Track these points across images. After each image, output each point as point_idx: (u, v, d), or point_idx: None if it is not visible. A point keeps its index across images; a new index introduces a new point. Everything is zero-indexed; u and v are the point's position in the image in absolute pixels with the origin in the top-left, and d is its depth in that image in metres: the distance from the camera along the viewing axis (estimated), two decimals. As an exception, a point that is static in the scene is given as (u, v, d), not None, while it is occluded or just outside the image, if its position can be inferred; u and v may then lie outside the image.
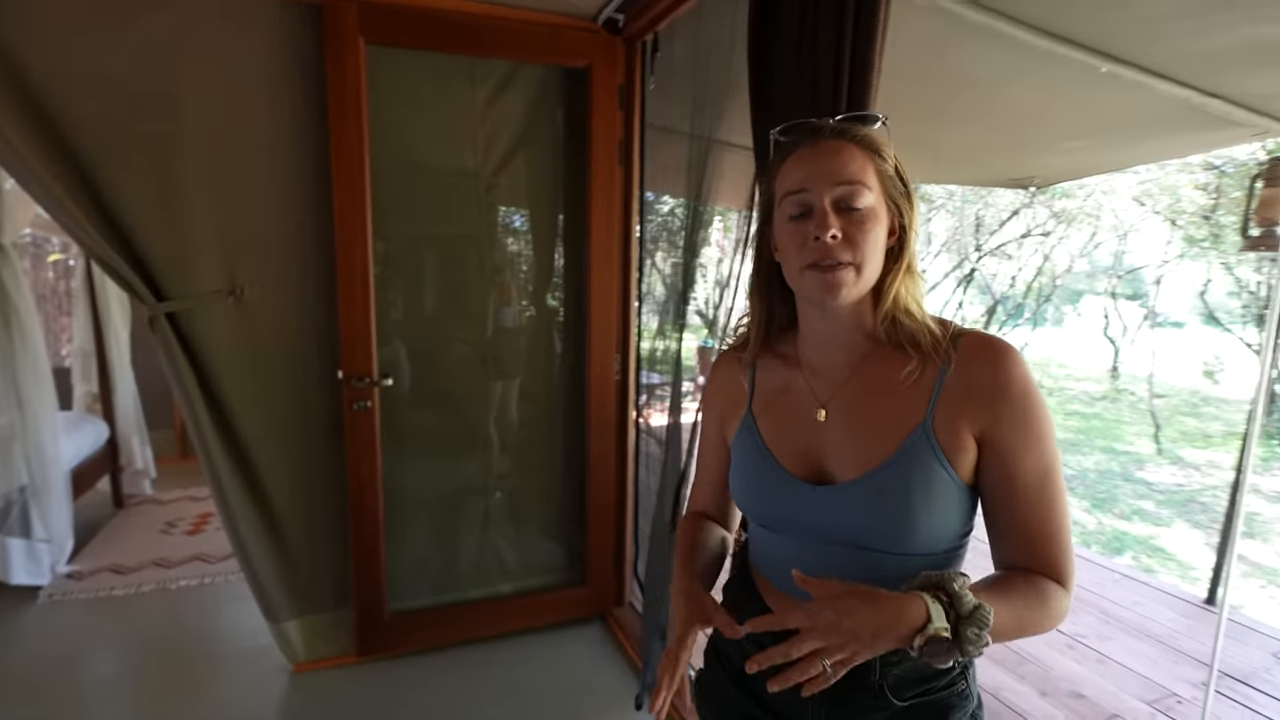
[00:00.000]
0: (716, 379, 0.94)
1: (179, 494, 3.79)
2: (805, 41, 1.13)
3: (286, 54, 1.95)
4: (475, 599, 2.42)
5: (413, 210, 2.23)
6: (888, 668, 0.77)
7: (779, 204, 0.78)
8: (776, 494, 0.81)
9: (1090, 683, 2.21)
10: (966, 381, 0.72)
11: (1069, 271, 8.77)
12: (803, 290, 0.77)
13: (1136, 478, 6.95)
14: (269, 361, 2.06)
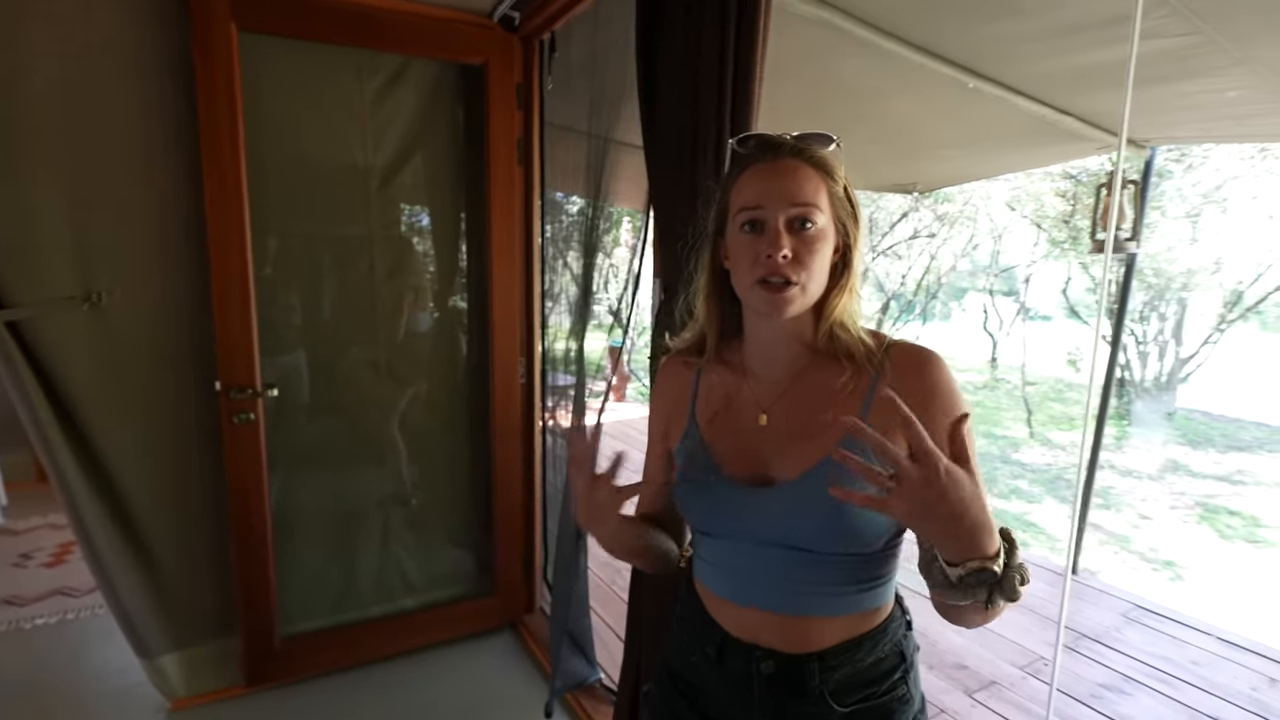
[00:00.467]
0: (663, 383, 0.94)
1: (37, 521, 3.40)
2: (690, 50, 1.15)
3: (153, 38, 1.79)
4: (376, 617, 2.31)
5: (301, 209, 2.10)
6: (828, 673, 0.77)
7: (734, 216, 0.79)
8: (719, 499, 0.81)
9: (972, 653, 2.39)
10: (898, 389, 0.72)
11: (953, 270, 9.43)
12: (751, 302, 0.80)
13: (1013, 459, 7.58)
14: (136, 373, 1.88)
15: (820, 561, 0.76)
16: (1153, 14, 1.58)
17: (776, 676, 0.78)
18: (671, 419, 0.91)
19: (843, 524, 0.74)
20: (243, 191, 1.88)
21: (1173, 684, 2.23)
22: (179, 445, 1.96)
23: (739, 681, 0.80)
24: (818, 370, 0.80)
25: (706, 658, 0.84)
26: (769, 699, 0.79)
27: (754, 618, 0.80)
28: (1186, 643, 2.47)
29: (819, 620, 0.78)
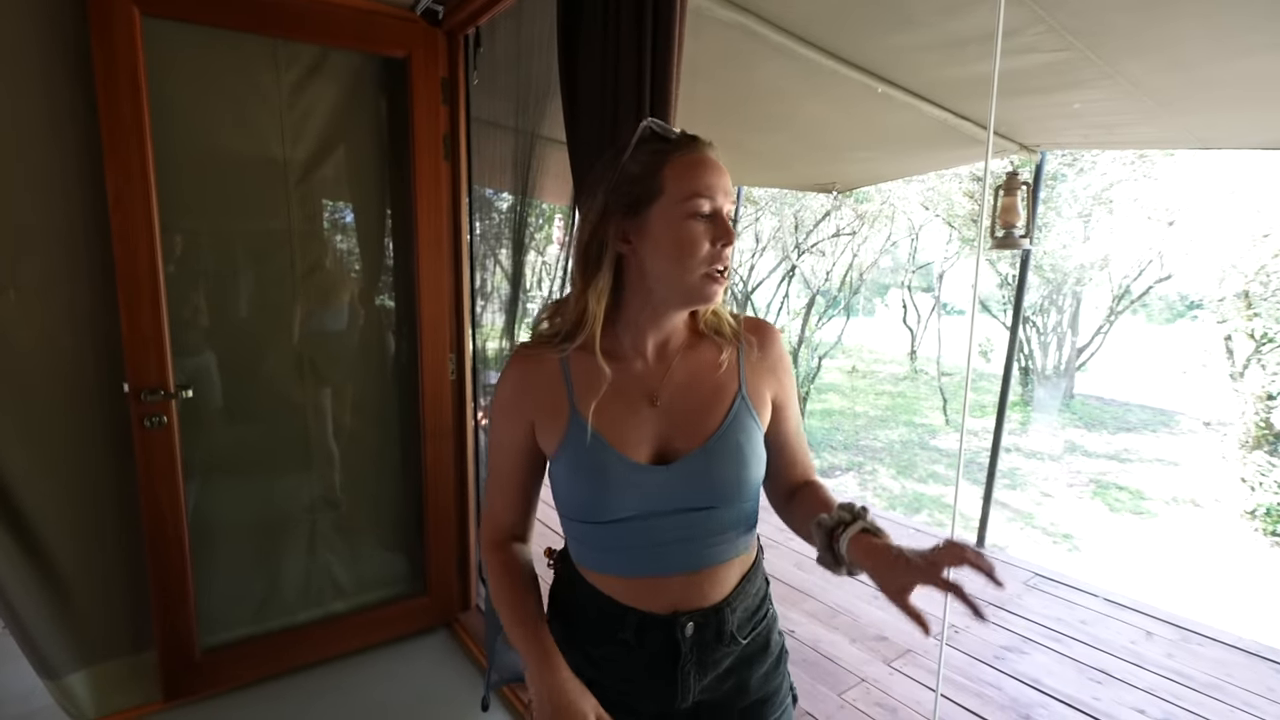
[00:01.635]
0: (520, 381, 0.88)
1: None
2: (609, 50, 1.20)
3: (44, 24, 1.69)
4: (304, 622, 2.25)
5: (215, 203, 2.02)
6: (733, 614, 0.87)
7: (671, 200, 0.78)
8: (624, 482, 0.82)
9: (891, 625, 2.54)
10: (760, 358, 0.89)
11: (874, 266, 9.86)
12: (688, 289, 0.80)
13: (931, 445, 8.04)
14: (33, 378, 1.77)
15: (721, 515, 0.84)
16: (1030, 30, 1.73)
17: (699, 633, 0.84)
18: (540, 415, 0.86)
19: (745, 475, 0.84)
20: (150, 183, 1.80)
21: (1064, 642, 2.44)
22: (83, 453, 1.86)
23: (661, 654, 0.85)
24: (695, 348, 0.88)
25: (623, 645, 0.85)
26: (694, 657, 0.85)
27: (672, 585, 0.85)
28: (1077, 604, 2.71)
29: (724, 568, 0.86)
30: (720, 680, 0.88)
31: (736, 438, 0.84)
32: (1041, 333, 9.31)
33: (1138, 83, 2.01)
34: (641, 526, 0.83)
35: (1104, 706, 2.08)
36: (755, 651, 0.90)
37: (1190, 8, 1.58)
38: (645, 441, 0.84)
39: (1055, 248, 8.55)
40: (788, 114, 2.73)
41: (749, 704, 0.91)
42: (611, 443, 0.83)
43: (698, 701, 0.88)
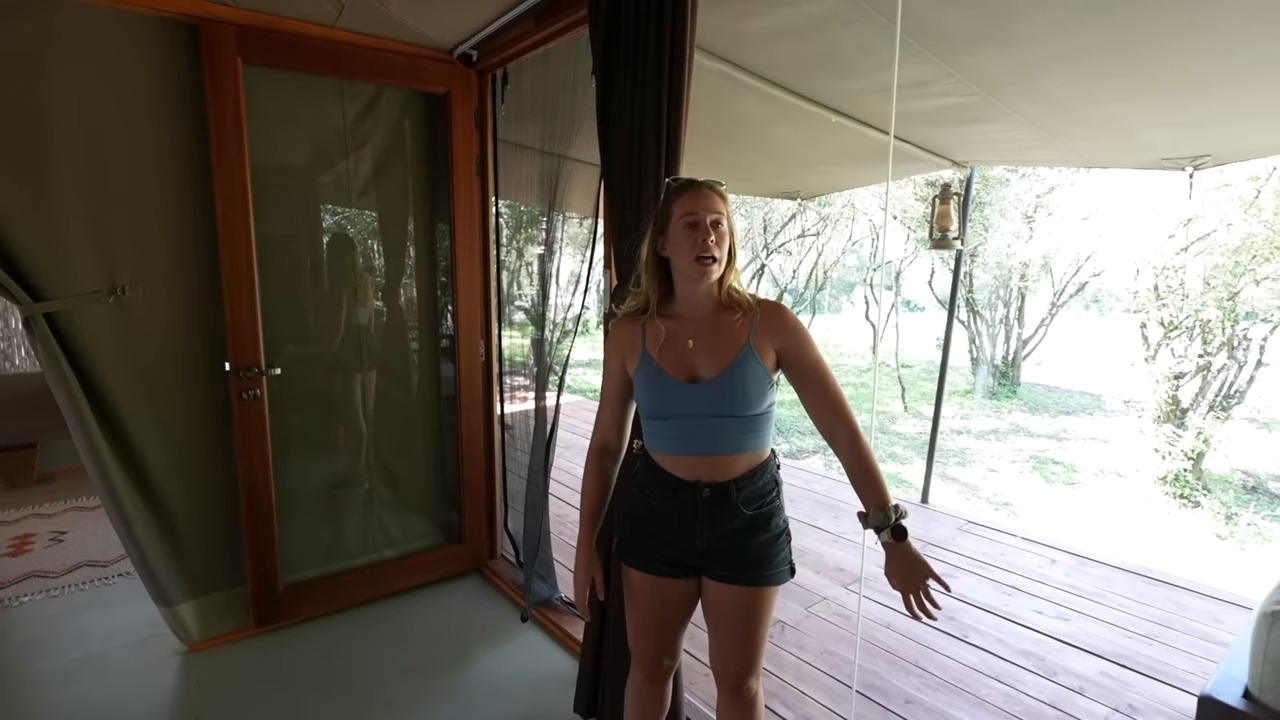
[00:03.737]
0: (617, 335, 1.40)
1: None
2: (636, 102, 1.67)
3: (163, 66, 2.10)
4: (362, 565, 2.68)
5: (292, 214, 2.44)
6: (739, 491, 1.30)
7: (676, 221, 1.29)
8: (669, 393, 1.31)
9: (849, 562, 3.07)
10: (767, 323, 1.33)
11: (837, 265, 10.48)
12: (688, 273, 1.29)
13: (890, 430, 8.66)
14: (154, 358, 2.18)
15: (733, 420, 1.31)
16: (942, 81, 2.26)
17: (712, 497, 1.32)
18: (628, 356, 1.38)
19: (745, 397, 1.30)
20: (248, 199, 2.22)
21: (986, 569, 3.00)
22: (193, 421, 2.27)
23: (687, 507, 1.33)
24: (719, 314, 1.35)
25: (665, 497, 1.35)
26: (707, 513, 1.33)
27: (697, 462, 1.32)
28: (999, 543, 3.28)
29: (734, 457, 1.32)
30: (729, 536, 1.34)
31: (742, 370, 1.30)
32: (990, 325, 10.04)
33: (1031, 119, 2.57)
34: (679, 423, 1.32)
35: (1011, 610, 2.64)
36: (759, 524, 1.34)
37: (1055, 69, 2.12)
38: (684, 369, 1.31)
39: (1001, 247, 9.26)
40: (757, 136, 3.24)
41: (749, 558, 1.35)
42: (663, 368, 1.32)
43: (711, 546, 1.34)
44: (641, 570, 1.40)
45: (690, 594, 1.41)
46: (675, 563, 1.37)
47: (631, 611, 1.46)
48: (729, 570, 1.34)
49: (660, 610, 1.42)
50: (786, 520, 1.40)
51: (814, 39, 2.09)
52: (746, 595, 1.34)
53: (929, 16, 1.90)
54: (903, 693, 2.13)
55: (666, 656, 1.48)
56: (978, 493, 6.37)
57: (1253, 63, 1.90)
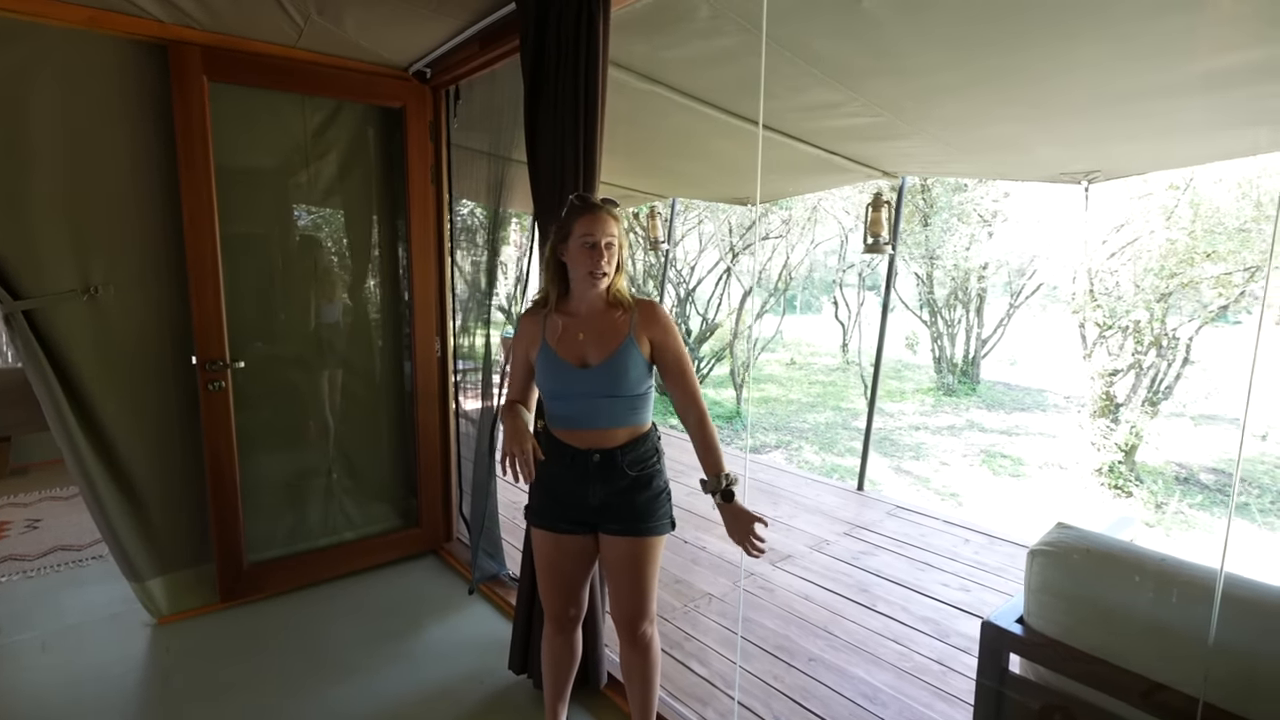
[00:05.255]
0: (524, 327, 1.64)
1: (-48, 509, 3.57)
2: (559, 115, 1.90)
3: (136, 82, 2.28)
4: (324, 546, 2.88)
5: (254, 218, 2.63)
6: (624, 456, 1.56)
7: (575, 237, 1.52)
8: (565, 376, 1.55)
9: (780, 541, 3.32)
10: (643, 319, 1.59)
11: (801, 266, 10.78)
12: (583, 281, 1.54)
13: (852, 426, 8.98)
14: (126, 352, 2.36)
15: (616, 400, 1.55)
16: (849, 104, 2.51)
17: (602, 462, 1.56)
18: (530, 346, 1.61)
19: (626, 380, 1.55)
20: (213, 204, 2.41)
21: (905, 549, 3.27)
22: (163, 411, 2.46)
23: (581, 471, 1.57)
24: (606, 312, 1.59)
25: (564, 465, 1.58)
26: (598, 475, 1.56)
27: (588, 435, 1.56)
28: (922, 525, 3.55)
29: (618, 430, 1.57)
30: (618, 494, 1.58)
31: (624, 358, 1.55)
32: (949, 325, 10.40)
33: (937, 137, 2.83)
34: (572, 402, 1.57)
35: (921, 584, 2.90)
36: (642, 484, 1.59)
37: (946, 96, 2.38)
38: (576, 356, 1.56)
39: (959, 249, 9.61)
40: (699, 148, 3.48)
41: (635, 513, 1.59)
42: (560, 356, 1.56)
43: (603, 503, 1.58)
44: (546, 529, 1.65)
45: (589, 548, 1.65)
46: (574, 520, 1.61)
47: (540, 568, 1.69)
48: (619, 524, 1.59)
49: (563, 563, 1.65)
50: (667, 481, 1.65)
51: (729, 66, 2.33)
52: (634, 545, 1.58)
53: (826, 50, 2.15)
54: (807, 652, 2.38)
55: (572, 606, 1.71)
56: (928, 484, 6.69)
57: (1123, 92, 2.16)
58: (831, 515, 3.70)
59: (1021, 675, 1.38)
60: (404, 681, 2.23)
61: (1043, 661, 1.30)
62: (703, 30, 2.08)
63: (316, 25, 2.33)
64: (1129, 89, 2.09)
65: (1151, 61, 1.89)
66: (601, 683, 2.15)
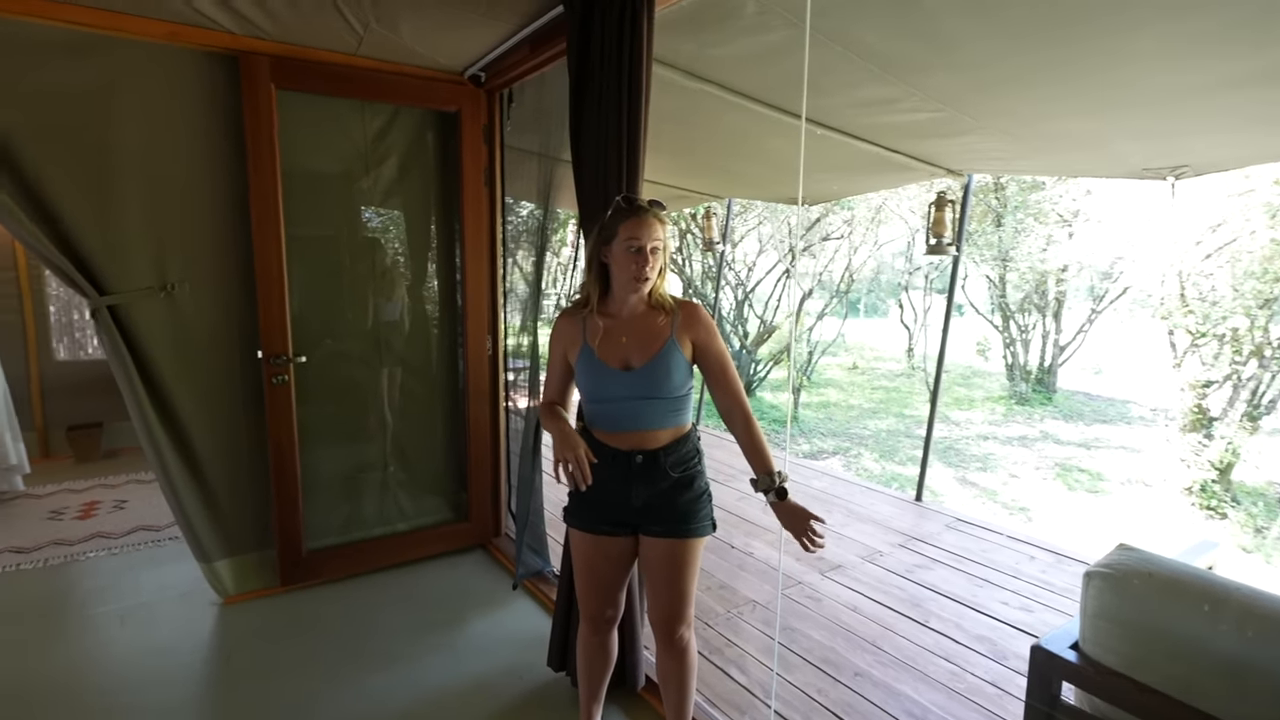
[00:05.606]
0: (562, 327, 1.62)
1: (53, 488, 3.89)
2: (603, 115, 1.89)
3: (209, 92, 2.42)
4: (377, 536, 2.98)
5: (316, 219, 2.74)
6: (666, 457, 1.54)
7: (620, 240, 1.49)
8: (606, 378, 1.54)
9: (830, 551, 3.22)
10: (685, 320, 1.57)
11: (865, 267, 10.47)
12: (626, 285, 1.52)
13: (915, 434, 8.64)
14: (198, 346, 2.51)
15: (659, 401, 1.53)
16: (908, 99, 2.41)
17: (644, 463, 1.54)
18: (569, 346, 1.60)
19: (669, 382, 1.53)
20: (279, 207, 2.53)
21: (964, 563, 3.11)
22: (231, 402, 2.60)
23: (623, 472, 1.55)
24: (647, 314, 1.57)
25: (605, 465, 1.55)
26: (641, 476, 1.55)
27: (630, 437, 1.55)
28: (983, 540, 3.38)
29: (660, 431, 1.55)
30: (659, 495, 1.56)
31: (666, 360, 1.53)
32: (1024, 330, 9.88)
33: (1004, 132, 2.68)
34: (612, 405, 1.56)
35: (978, 601, 2.76)
36: (684, 485, 1.57)
37: (1007, 90, 2.26)
38: (617, 358, 1.54)
39: (1035, 250, 9.12)
40: (753, 147, 3.42)
41: (677, 514, 1.57)
42: (601, 358, 1.55)
43: (645, 504, 1.56)
44: (586, 531, 1.63)
45: (628, 550, 1.64)
46: (615, 522, 1.60)
47: (579, 570, 1.69)
48: (661, 525, 1.57)
49: (602, 564, 1.64)
50: (708, 483, 1.63)
51: (779, 62, 2.27)
52: (675, 546, 1.57)
53: (879, 45, 2.07)
54: (854, 666, 2.30)
55: (609, 607, 1.70)
56: (994, 497, 6.36)
57: (1207, 83, 1.99)
58: (886, 525, 3.57)
59: (1076, 705, 1.28)
60: (444, 673, 2.27)
61: (1098, 692, 1.20)
62: (750, 26, 2.04)
63: (375, 33, 2.41)
64: (1214, 78, 1.93)
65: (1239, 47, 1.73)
66: (638, 685, 2.14)
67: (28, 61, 2.15)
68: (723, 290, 9.38)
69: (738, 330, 9.59)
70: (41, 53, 2.16)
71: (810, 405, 9.88)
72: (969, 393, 11.18)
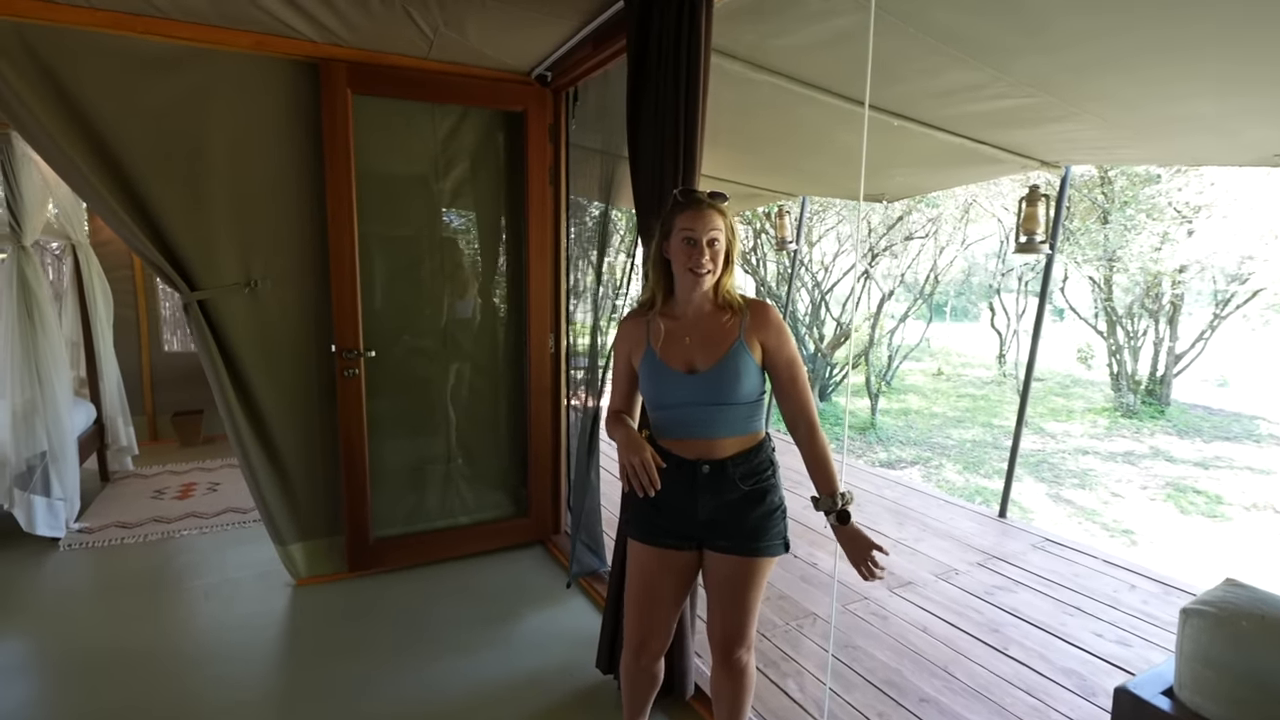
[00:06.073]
0: (625, 330, 1.55)
1: (158, 469, 4.23)
2: (660, 112, 1.85)
3: (291, 99, 2.55)
4: (440, 528, 3.05)
5: (388, 218, 2.84)
6: (735, 468, 1.44)
7: (678, 232, 1.43)
8: (670, 382, 1.45)
9: (900, 566, 3.04)
10: (754, 321, 1.48)
11: (951, 268, 9.93)
12: (684, 280, 1.45)
13: (1004, 445, 8.11)
14: (277, 339, 2.65)
15: (727, 407, 1.45)
16: (993, 85, 2.23)
17: (711, 473, 1.46)
18: (633, 350, 1.52)
19: (737, 387, 1.44)
20: (353, 206, 2.63)
21: (1051, 587, 2.86)
22: (306, 393, 2.72)
23: (689, 482, 1.46)
24: (714, 313, 1.49)
25: (669, 474, 1.43)
26: (708, 486, 1.46)
27: (697, 445, 1.45)
28: (1075, 563, 3.09)
29: (729, 439, 1.46)
30: (727, 508, 1.47)
31: (734, 363, 1.44)
32: (1132, 337, 9.08)
33: (1105, 118, 2.44)
34: (678, 411, 1.46)
35: (1067, 630, 2.52)
36: (755, 499, 1.47)
37: (1108, 72, 2.04)
38: (682, 361, 1.46)
39: (1147, 249, 8.36)
40: (824, 141, 3.28)
41: (745, 530, 1.48)
42: (665, 362, 1.46)
43: (711, 517, 1.47)
44: (647, 543, 1.53)
45: (691, 565, 1.54)
46: (678, 535, 1.50)
47: (634, 586, 1.57)
48: (728, 541, 1.48)
49: (663, 580, 1.54)
50: (782, 498, 1.52)
51: (847, 48, 2.15)
52: (741, 565, 1.48)
53: (958, 26, 1.92)
54: (920, 691, 2.14)
55: (657, 638, 1.59)
56: (1093, 517, 5.86)
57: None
58: (964, 542, 3.34)
59: (1170, 760, 1.12)
60: (498, 667, 2.29)
61: (1196, 748, 1.04)
62: (815, 12, 1.94)
63: (444, 36, 2.47)
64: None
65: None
66: (687, 693, 2.08)
67: (140, 75, 2.32)
68: (798, 291, 9.13)
69: (812, 333, 9.31)
70: (150, 67, 2.33)
71: (889, 412, 9.46)
72: (1068, 403, 10.40)
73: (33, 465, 3.06)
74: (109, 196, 2.29)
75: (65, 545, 3.12)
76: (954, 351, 14.79)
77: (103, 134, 2.29)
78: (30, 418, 3.04)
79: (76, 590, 2.82)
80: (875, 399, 8.80)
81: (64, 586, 2.84)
